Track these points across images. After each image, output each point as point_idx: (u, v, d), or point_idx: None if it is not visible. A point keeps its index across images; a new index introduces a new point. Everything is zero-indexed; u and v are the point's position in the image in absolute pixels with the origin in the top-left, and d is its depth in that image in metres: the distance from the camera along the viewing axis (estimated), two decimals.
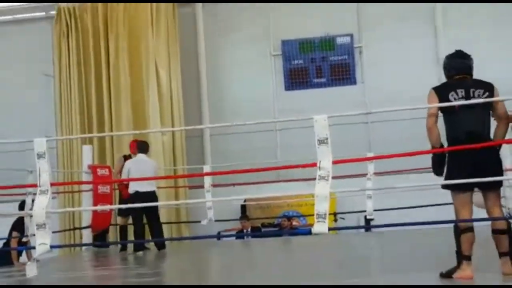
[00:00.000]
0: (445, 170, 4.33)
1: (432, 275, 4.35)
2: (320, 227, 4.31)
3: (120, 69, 12.04)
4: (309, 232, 4.52)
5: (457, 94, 4.31)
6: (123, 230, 9.05)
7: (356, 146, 11.37)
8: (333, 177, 4.41)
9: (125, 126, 11.76)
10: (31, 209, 6.48)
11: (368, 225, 9.74)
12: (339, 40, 12.72)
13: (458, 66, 4.46)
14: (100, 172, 9.58)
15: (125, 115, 11.92)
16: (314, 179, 4.42)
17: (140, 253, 8.39)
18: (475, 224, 4.26)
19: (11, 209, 8.79)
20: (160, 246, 8.56)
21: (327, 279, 4.83)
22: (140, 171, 8.23)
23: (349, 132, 11.30)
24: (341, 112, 5.10)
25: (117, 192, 9.59)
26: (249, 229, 11.01)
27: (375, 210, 8.49)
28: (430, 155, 4.47)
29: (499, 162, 4.36)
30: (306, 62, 12.82)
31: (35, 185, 4.89)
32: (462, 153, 4.22)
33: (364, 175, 8.48)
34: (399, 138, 11.24)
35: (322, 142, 4.45)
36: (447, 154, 4.34)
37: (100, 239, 9.72)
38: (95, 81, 12.13)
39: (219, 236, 10.65)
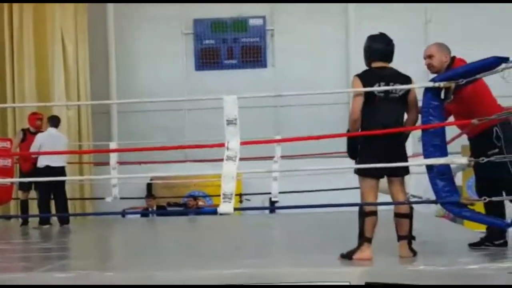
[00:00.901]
0: (358, 157, 4.50)
1: (333, 256, 4.48)
2: (226, 207, 4.36)
3: (24, 40, 11.54)
4: (214, 212, 4.58)
5: (379, 86, 4.36)
6: (24, 204, 8.83)
7: (265, 129, 11.54)
8: (240, 159, 4.47)
9: (28, 97, 11.35)
10: None
11: (272, 206, 9.94)
12: (252, 22, 12.78)
13: (380, 51, 4.48)
14: (0, 145, 9.24)
15: (28, 87, 11.48)
16: (221, 160, 4.47)
17: (46, 226, 8.24)
18: (378, 208, 4.43)
19: None
20: (64, 221, 8.42)
21: (228, 257, 4.91)
22: (53, 146, 8.10)
23: (258, 115, 11.46)
24: (251, 94, 5.18)
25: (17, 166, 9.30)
26: (154, 208, 10.96)
27: (280, 193, 8.69)
28: (343, 139, 4.58)
29: (405, 150, 4.53)
30: (217, 42, 12.80)
31: None
32: (375, 143, 4.36)
33: (271, 157, 8.65)
34: (306, 122, 11.51)
35: (230, 122, 4.49)
36: (360, 144, 4.48)
37: None
38: None
39: (123, 213, 10.54)
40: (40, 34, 11.62)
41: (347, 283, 3.90)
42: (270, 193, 8.92)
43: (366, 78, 4.45)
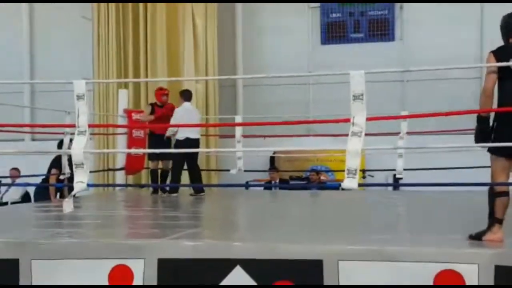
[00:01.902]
0: (492, 136, 4.25)
1: (460, 237, 4.34)
2: (350, 182, 4.33)
3: (157, 15, 12.05)
4: (338, 187, 4.57)
5: None
6: (154, 173, 9.27)
7: (390, 104, 11.29)
8: (366, 134, 4.41)
9: (160, 71, 11.85)
10: (68, 148, 6.68)
11: (397, 183, 9.72)
12: None
13: None
14: (135, 116, 9.75)
15: (160, 60, 11.99)
16: (344, 135, 4.43)
17: (175, 195, 8.66)
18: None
19: (49, 147, 9.03)
20: (199, 190, 8.82)
21: (351, 233, 4.88)
22: (189, 119, 8.49)
23: (384, 90, 11.21)
24: (376, 69, 5.06)
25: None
26: (277, 181, 11.10)
27: (405, 169, 8.46)
28: (472, 116, 4.34)
29: None
30: (344, 15, 12.61)
31: (73, 125, 4.94)
32: (508, 121, 4.13)
33: (396, 133, 8.43)
34: (434, 98, 11.10)
35: (357, 98, 4.42)
36: (494, 122, 4.26)
37: None
38: (132, 26, 12.17)
39: (247, 185, 10.77)
40: (172, 12, 12.04)
41: (476, 265, 3.76)
42: (394, 169, 8.71)
43: (500, 53, 4.22)
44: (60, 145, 8.50)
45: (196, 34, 12.03)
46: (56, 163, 8.33)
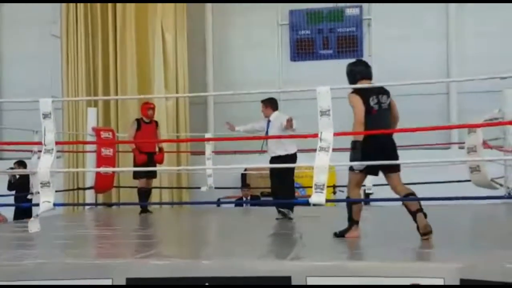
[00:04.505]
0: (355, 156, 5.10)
1: (427, 251, 4.46)
2: (317, 197, 4.38)
3: (127, 32, 12.05)
4: (307, 203, 4.58)
5: (373, 99, 5.16)
6: (142, 192, 8.92)
7: None
8: (334, 150, 4.45)
9: (130, 90, 11.81)
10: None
11: (366, 199, 9.78)
12: (348, 12, 12.65)
13: (363, 72, 5.42)
14: (103, 135, 9.63)
15: (130, 78, 11.96)
16: (315, 150, 4.46)
17: (287, 211, 7.75)
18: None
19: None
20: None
21: (320, 248, 4.89)
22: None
23: None
24: (345, 85, 5.19)
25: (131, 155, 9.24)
26: (249, 198, 11.09)
27: (374, 185, 8.53)
28: (443, 131, 4.65)
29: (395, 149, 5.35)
30: (313, 33, 12.78)
31: (40, 143, 4.89)
32: (376, 144, 5.08)
33: None
34: (404, 113, 11.17)
35: (324, 113, 4.51)
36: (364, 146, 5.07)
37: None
38: (102, 43, 12.14)
39: (218, 202, 10.73)
40: (142, 29, 12.05)
41: (442, 279, 3.79)
42: (364, 185, 8.73)
43: (362, 93, 5.14)
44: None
45: (166, 50, 12.04)
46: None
